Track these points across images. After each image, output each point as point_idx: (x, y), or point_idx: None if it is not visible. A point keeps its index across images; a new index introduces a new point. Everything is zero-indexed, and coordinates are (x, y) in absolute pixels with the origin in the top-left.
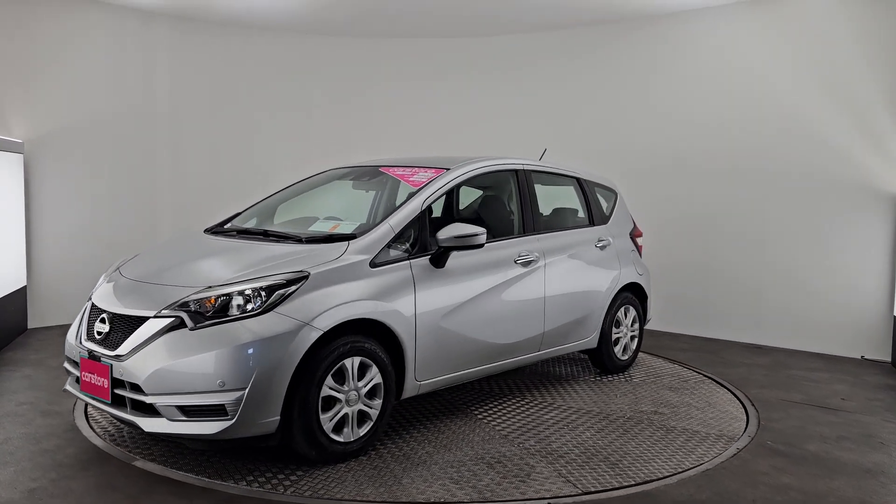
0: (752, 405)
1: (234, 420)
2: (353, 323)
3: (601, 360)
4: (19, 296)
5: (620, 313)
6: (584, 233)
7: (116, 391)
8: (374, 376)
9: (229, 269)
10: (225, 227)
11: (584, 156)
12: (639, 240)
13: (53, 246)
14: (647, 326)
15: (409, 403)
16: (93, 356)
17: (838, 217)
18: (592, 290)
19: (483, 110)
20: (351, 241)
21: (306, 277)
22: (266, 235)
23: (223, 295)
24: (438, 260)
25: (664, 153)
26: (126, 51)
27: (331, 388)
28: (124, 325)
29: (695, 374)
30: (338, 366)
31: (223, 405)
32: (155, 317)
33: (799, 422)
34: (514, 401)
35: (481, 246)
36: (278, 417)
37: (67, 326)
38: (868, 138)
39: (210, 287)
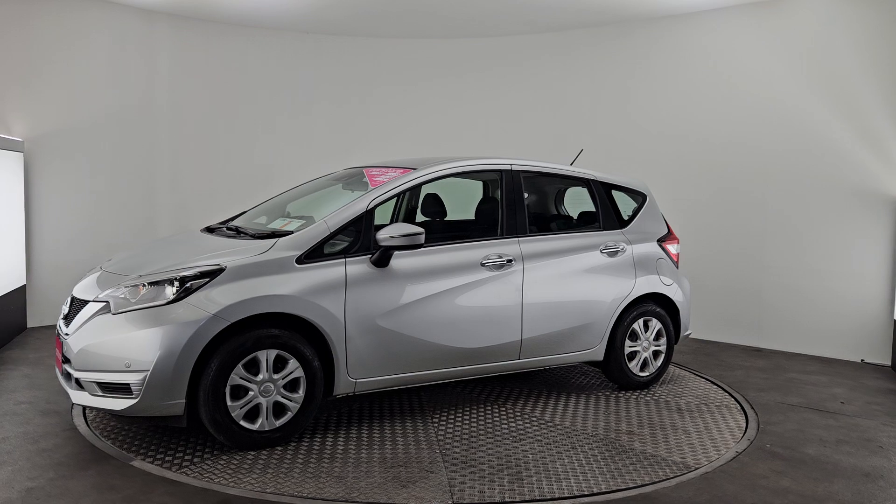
0: (752, 408)
1: (138, 399)
2: (274, 316)
3: (613, 375)
4: (18, 295)
5: (638, 326)
6: (585, 237)
7: (65, 366)
8: (294, 370)
9: (171, 260)
10: (215, 225)
11: (583, 157)
12: (674, 247)
13: (53, 245)
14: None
15: (374, 401)
16: (58, 334)
17: (838, 220)
18: (592, 299)
19: (488, 111)
20: (281, 238)
21: (221, 270)
22: (238, 232)
23: (152, 283)
24: (381, 259)
25: (662, 156)
26: (127, 50)
27: (241, 378)
28: (77, 308)
29: (728, 398)
30: (252, 357)
31: (129, 384)
32: (93, 301)
33: (798, 425)
34: (488, 407)
35: (420, 246)
36: (183, 401)
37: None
38: (868, 141)
39: (140, 276)
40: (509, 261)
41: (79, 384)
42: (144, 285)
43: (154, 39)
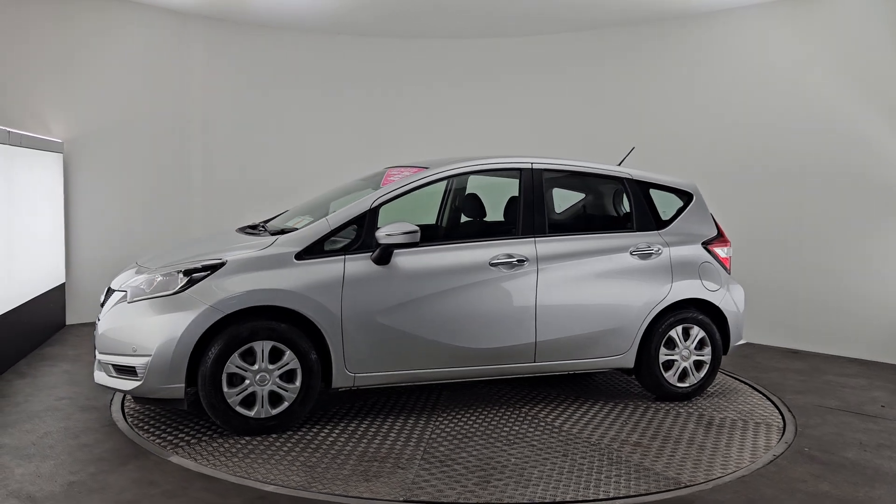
0: (789, 411)
1: (142, 382)
2: (272, 309)
3: (647, 385)
4: (58, 292)
5: (676, 333)
6: (613, 238)
7: (96, 349)
8: (290, 361)
9: (190, 254)
10: (254, 223)
11: (610, 156)
12: (724, 251)
13: (91, 243)
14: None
15: (390, 396)
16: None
17: (876, 219)
18: (619, 303)
19: (526, 111)
20: (282, 235)
21: (222, 264)
22: (264, 230)
23: (165, 275)
24: (381, 257)
25: (697, 154)
26: (161, 51)
27: (237, 367)
28: (108, 297)
29: (771, 416)
30: (248, 347)
31: (134, 367)
32: (117, 290)
33: (836, 429)
34: (502, 409)
35: (416, 244)
36: (183, 385)
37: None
38: None
39: (157, 269)
40: (521, 261)
41: (102, 366)
42: (158, 277)
43: (187, 41)
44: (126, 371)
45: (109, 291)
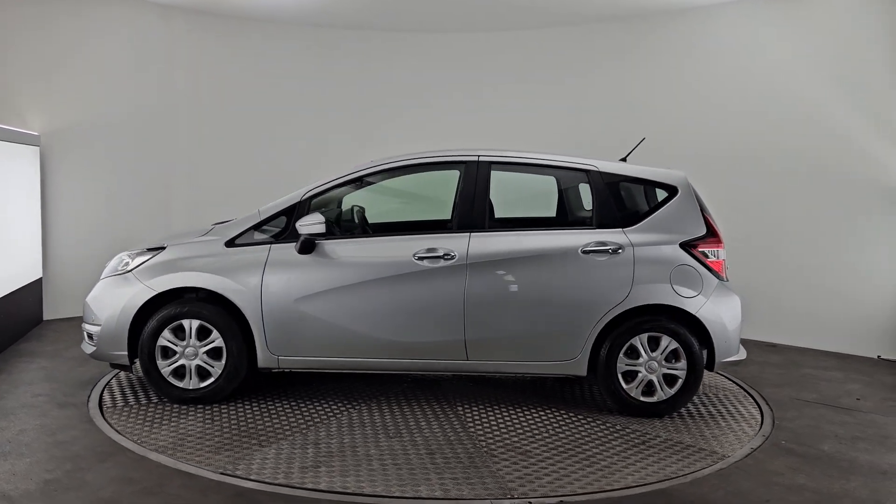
0: (767, 404)
1: (97, 347)
2: (204, 290)
3: (607, 396)
4: (35, 287)
5: (639, 342)
6: (561, 235)
7: None
8: (216, 340)
9: (152, 241)
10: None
11: (602, 150)
12: (714, 253)
13: (69, 238)
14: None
15: (355, 383)
16: None
17: (855, 214)
18: (563, 305)
19: (503, 105)
20: (219, 224)
21: (162, 249)
22: None
23: (129, 255)
24: (303, 247)
25: (681, 149)
26: (144, 45)
27: (168, 341)
28: None
29: (728, 446)
30: (179, 323)
31: (92, 334)
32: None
33: (813, 421)
34: (431, 406)
35: (322, 235)
36: (125, 352)
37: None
38: (888, 136)
39: (130, 251)
40: (447, 256)
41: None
42: (125, 258)
43: (171, 35)
44: (90, 337)
45: None
